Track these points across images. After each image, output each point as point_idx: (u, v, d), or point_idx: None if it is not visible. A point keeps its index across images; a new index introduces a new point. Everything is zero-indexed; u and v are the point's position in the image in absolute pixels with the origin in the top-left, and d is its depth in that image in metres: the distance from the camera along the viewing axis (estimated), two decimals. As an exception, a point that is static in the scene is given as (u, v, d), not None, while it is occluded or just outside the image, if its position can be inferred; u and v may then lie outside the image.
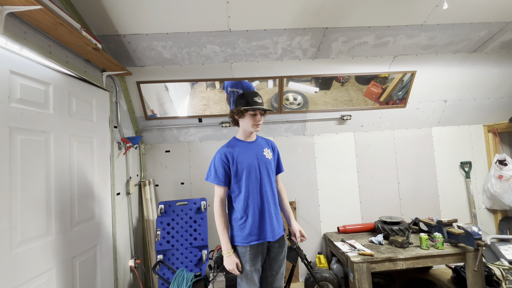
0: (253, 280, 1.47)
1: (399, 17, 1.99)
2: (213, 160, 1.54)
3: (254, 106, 1.49)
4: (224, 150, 1.53)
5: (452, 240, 2.19)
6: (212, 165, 1.54)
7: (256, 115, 1.51)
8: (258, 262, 1.49)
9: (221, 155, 1.51)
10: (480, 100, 2.85)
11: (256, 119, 1.52)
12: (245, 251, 1.47)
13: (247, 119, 1.52)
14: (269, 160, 1.60)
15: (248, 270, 1.46)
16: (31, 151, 1.39)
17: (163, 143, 2.77)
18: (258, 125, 1.54)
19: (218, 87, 2.49)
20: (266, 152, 1.61)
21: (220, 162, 1.50)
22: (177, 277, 1.81)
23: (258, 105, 1.50)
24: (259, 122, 1.53)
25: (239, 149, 1.55)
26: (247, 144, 1.59)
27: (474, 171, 3.01)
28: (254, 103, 1.50)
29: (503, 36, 2.27)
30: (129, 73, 2.13)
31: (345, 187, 2.89)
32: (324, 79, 2.52)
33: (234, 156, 1.51)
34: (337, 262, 2.54)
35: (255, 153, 1.56)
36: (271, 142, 1.71)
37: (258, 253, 1.49)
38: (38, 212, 1.41)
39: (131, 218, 2.39)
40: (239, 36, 2.04)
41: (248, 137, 1.61)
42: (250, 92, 1.55)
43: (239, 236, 1.49)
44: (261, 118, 1.54)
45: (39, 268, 1.38)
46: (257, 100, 1.51)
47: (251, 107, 1.49)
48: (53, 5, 1.36)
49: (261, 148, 1.61)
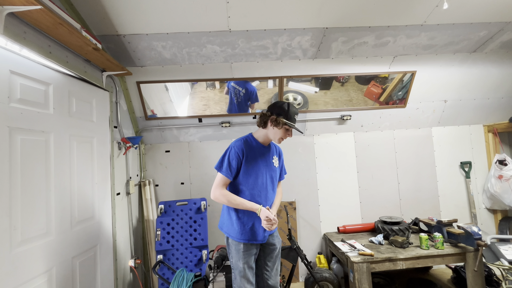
0: (246, 277, 1.50)
1: (399, 17, 1.99)
2: (229, 152, 1.53)
3: (293, 123, 1.51)
4: (242, 145, 1.53)
5: (452, 240, 2.19)
6: (226, 156, 1.52)
7: (288, 131, 1.55)
8: (251, 259, 1.53)
9: (238, 150, 1.51)
10: (480, 100, 2.85)
11: (287, 134, 1.55)
12: (239, 248, 1.51)
13: (280, 131, 1.53)
14: (275, 169, 1.65)
15: (241, 266, 1.50)
16: (31, 151, 1.39)
17: (163, 143, 2.77)
18: (283, 139, 1.57)
19: (218, 87, 2.49)
20: (275, 160, 1.66)
21: (235, 156, 1.50)
22: (177, 277, 1.81)
23: (295, 122, 1.53)
24: (287, 138, 1.57)
25: (254, 150, 1.57)
26: (263, 148, 1.61)
27: (474, 171, 3.01)
28: (294, 121, 1.53)
29: (503, 36, 2.27)
30: (129, 73, 2.13)
31: (345, 187, 2.89)
32: (324, 79, 2.52)
33: (248, 155, 1.53)
34: (337, 262, 2.54)
35: (265, 160, 1.60)
36: (279, 149, 1.77)
37: (252, 250, 1.53)
38: (38, 212, 1.41)
39: (131, 218, 2.39)
40: (239, 36, 2.03)
41: (266, 142, 1.63)
42: (294, 108, 1.55)
43: (234, 232, 1.53)
44: (290, 134, 1.57)
45: (39, 268, 1.38)
46: (296, 119, 1.55)
47: (291, 123, 1.50)
48: (53, 5, 1.36)
49: (271, 155, 1.65)
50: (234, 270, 1.54)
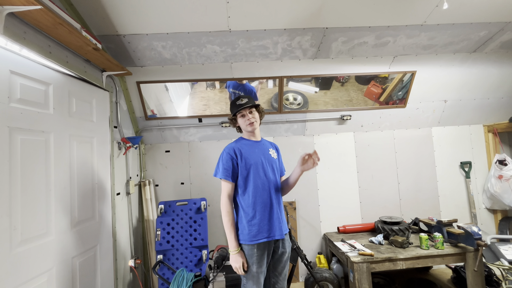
0: (259, 282, 1.47)
1: (399, 17, 1.99)
2: (221, 156, 1.56)
3: (238, 109, 1.56)
4: (232, 146, 1.57)
5: (452, 240, 2.19)
6: (220, 161, 1.55)
7: (244, 115, 1.58)
8: (264, 263, 1.48)
9: (230, 151, 1.54)
10: (480, 100, 2.85)
11: (245, 118, 1.58)
12: (253, 252, 1.46)
13: (240, 121, 1.62)
14: (274, 159, 1.65)
15: (255, 271, 1.45)
16: (31, 151, 1.39)
17: (163, 143, 2.77)
18: (251, 123, 1.58)
19: (218, 87, 2.49)
20: (272, 152, 1.67)
21: (229, 158, 1.52)
22: (177, 277, 1.81)
23: (241, 106, 1.56)
24: (250, 119, 1.58)
25: (246, 146, 1.59)
26: (254, 142, 1.63)
27: (474, 171, 3.01)
28: (237, 106, 1.57)
29: (503, 36, 2.27)
30: (129, 73, 2.13)
31: (345, 187, 2.89)
32: (324, 79, 2.52)
33: (242, 152, 1.54)
34: (337, 262, 2.54)
35: (261, 151, 1.61)
36: (275, 145, 1.77)
37: (264, 253, 1.48)
38: (38, 212, 1.41)
39: (131, 218, 2.39)
40: (239, 36, 2.03)
41: (253, 137, 1.65)
42: (234, 99, 1.63)
43: (247, 235, 1.47)
44: (251, 116, 1.58)
45: (39, 268, 1.38)
46: (239, 102, 1.57)
47: (236, 110, 1.57)
48: (53, 5, 1.36)
49: (267, 147, 1.66)
50: (247, 275, 1.48)
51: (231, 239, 1.47)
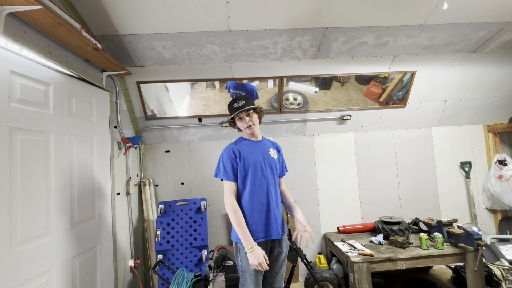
0: (257, 281, 1.47)
1: (399, 17, 1.99)
2: (221, 157, 1.57)
3: (235, 112, 1.57)
4: (231, 147, 1.58)
5: (452, 240, 2.19)
6: (220, 161, 1.56)
7: (242, 118, 1.59)
8: None
9: (229, 151, 1.55)
10: (480, 100, 2.85)
11: (243, 122, 1.59)
12: None
13: (239, 124, 1.62)
14: (274, 160, 1.64)
15: (253, 270, 1.46)
16: (31, 151, 1.39)
17: (163, 143, 2.77)
18: (249, 126, 1.59)
19: (218, 87, 2.49)
20: (272, 152, 1.66)
21: (228, 158, 1.53)
22: (177, 277, 1.81)
23: (237, 110, 1.56)
24: (248, 123, 1.58)
25: (246, 146, 1.59)
26: (254, 142, 1.64)
27: (474, 171, 3.01)
28: (234, 110, 1.57)
29: (503, 36, 2.27)
30: (129, 73, 2.13)
31: (345, 187, 2.89)
32: (324, 79, 2.52)
33: (241, 152, 1.55)
34: (337, 262, 2.54)
35: (261, 151, 1.60)
36: (276, 144, 1.77)
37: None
38: (38, 212, 1.41)
39: (131, 218, 2.39)
40: (239, 36, 2.03)
41: (253, 137, 1.65)
42: (231, 101, 1.63)
43: None
44: (248, 119, 1.58)
45: (39, 268, 1.38)
46: (236, 105, 1.58)
47: (233, 114, 1.58)
48: (53, 5, 1.35)
49: (267, 147, 1.66)
50: (244, 273, 1.49)
51: (246, 236, 1.42)
